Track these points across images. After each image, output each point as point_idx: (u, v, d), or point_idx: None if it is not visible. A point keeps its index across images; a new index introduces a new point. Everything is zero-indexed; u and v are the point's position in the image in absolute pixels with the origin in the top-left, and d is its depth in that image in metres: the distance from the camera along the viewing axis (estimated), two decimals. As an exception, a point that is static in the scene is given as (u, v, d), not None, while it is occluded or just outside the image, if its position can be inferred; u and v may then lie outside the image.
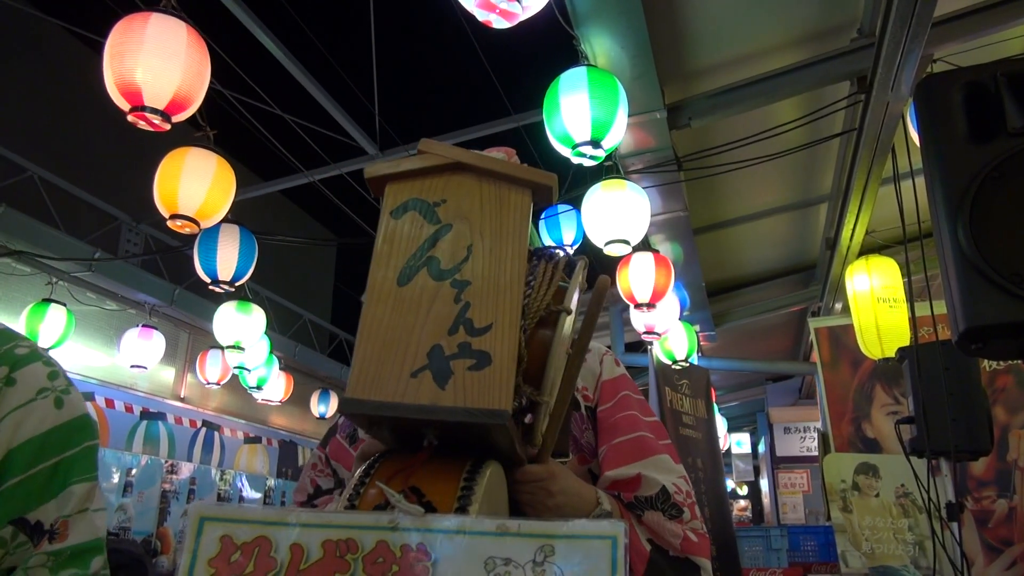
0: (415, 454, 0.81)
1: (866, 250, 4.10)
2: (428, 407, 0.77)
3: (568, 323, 0.95)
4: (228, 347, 5.34)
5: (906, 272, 3.59)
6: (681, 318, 5.01)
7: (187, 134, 3.44)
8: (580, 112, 2.80)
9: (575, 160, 2.90)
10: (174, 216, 3.21)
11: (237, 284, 4.13)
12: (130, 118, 2.50)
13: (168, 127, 2.55)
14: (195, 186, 3.23)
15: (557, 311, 0.92)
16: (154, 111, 2.47)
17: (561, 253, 1.01)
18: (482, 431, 0.79)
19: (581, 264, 1.00)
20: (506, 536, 0.64)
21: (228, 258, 4.09)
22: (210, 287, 4.12)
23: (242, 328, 5.21)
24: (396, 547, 0.65)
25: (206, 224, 3.34)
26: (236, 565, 0.65)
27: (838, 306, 5.05)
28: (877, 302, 3.88)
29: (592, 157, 2.89)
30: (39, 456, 0.92)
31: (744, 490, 12.57)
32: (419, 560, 0.64)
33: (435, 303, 0.82)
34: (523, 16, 2.36)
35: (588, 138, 2.80)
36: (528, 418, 0.93)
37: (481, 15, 2.33)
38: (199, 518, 0.67)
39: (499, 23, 2.36)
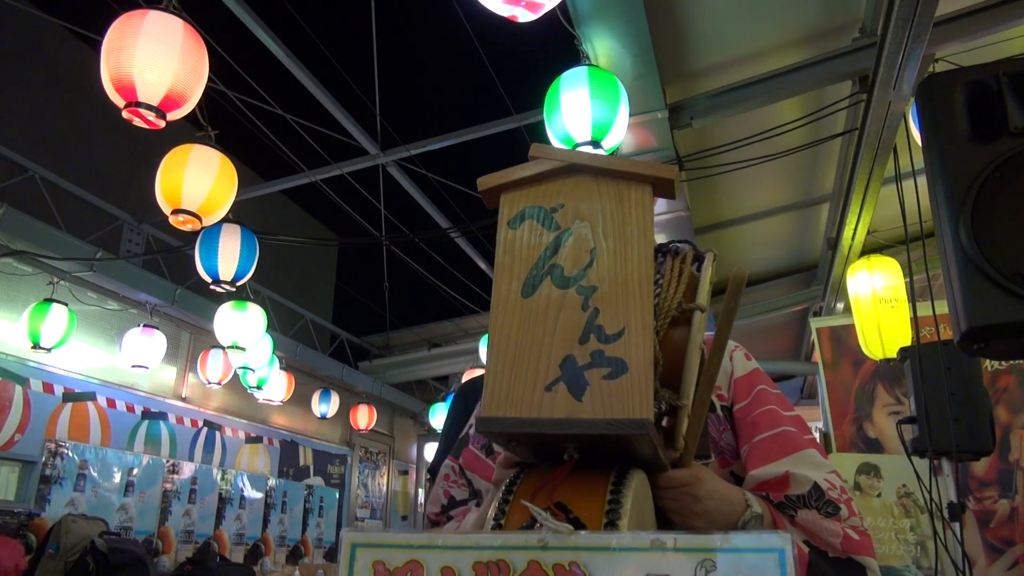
0: (556, 468, 0.78)
1: (868, 250, 4.10)
2: (566, 421, 0.74)
3: (703, 321, 0.91)
4: (227, 347, 5.35)
5: (908, 272, 3.58)
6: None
7: (188, 134, 3.44)
8: (581, 112, 2.80)
9: (576, 160, 2.89)
10: (177, 211, 3.20)
11: (238, 284, 4.13)
12: (125, 114, 2.50)
13: (163, 124, 2.55)
14: (199, 181, 3.22)
15: (690, 309, 0.88)
16: (148, 107, 2.47)
17: (687, 246, 0.96)
18: (624, 441, 0.76)
19: (710, 257, 0.94)
20: (663, 551, 0.62)
21: (229, 258, 4.10)
22: (211, 287, 4.12)
23: (241, 327, 5.22)
24: (548, 567, 0.63)
25: (209, 220, 3.33)
26: None
27: (840, 306, 5.04)
28: (879, 302, 3.88)
29: (593, 157, 2.88)
30: None
31: (745, 490, 12.55)
32: None
33: (562, 312, 0.79)
34: (548, 6, 2.35)
35: (589, 138, 2.80)
36: (666, 422, 0.90)
37: (506, 11, 2.32)
38: (351, 545, 0.67)
39: (525, 16, 2.34)
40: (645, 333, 0.77)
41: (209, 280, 4.10)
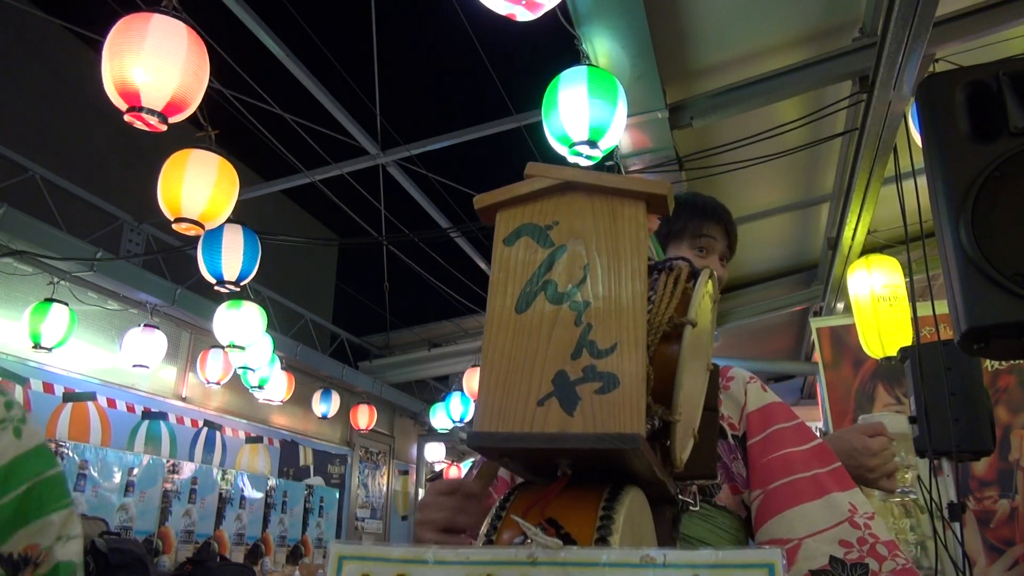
0: (551, 484, 0.78)
1: (868, 249, 4.10)
2: (557, 435, 0.74)
3: (703, 336, 0.90)
4: (225, 347, 5.35)
5: (908, 272, 3.58)
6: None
7: (189, 134, 3.45)
8: (578, 112, 2.80)
9: (572, 159, 2.90)
10: (178, 219, 3.22)
11: (242, 284, 4.13)
12: (127, 118, 2.51)
13: (164, 128, 2.55)
14: (198, 189, 3.24)
15: (681, 324, 0.88)
16: (151, 112, 2.47)
17: (682, 263, 0.96)
18: (617, 457, 0.76)
19: (705, 274, 0.94)
20: (651, 568, 0.61)
21: (233, 258, 4.10)
22: (215, 287, 4.13)
23: (237, 326, 5.22)
24: None
25: (210, 226, 3.35)
26: None
27: (840, 306, 5.04)
28: (879, 301, 3.88)
29: (589, 157, 2.89)
30: (5, 486, 0.91)
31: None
32: None
33: (555, 328, 0.79)
34: (548, 6, 2.34)
35: (586, 138, 2.80)
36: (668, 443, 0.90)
37: (505, 9, 2.31)
38: (338, 557, 0.67)
39: (524, 15, 2.33)
40: (637, 348, 0.77)
41: (213, 281, 4.10)
